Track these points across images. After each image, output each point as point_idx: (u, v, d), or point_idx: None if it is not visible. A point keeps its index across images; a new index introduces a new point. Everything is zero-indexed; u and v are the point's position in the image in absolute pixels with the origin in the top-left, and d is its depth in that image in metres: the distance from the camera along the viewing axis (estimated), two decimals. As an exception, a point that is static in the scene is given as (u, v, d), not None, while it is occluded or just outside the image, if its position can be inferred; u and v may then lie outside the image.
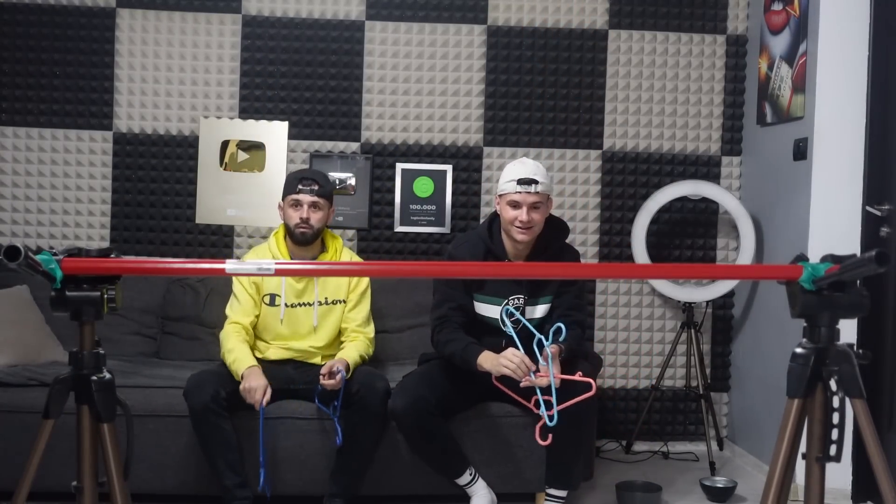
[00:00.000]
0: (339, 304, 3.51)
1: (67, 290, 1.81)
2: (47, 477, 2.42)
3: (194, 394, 3.21)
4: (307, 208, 3.39)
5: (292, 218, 3.41)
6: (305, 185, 3.41)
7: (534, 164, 3.25)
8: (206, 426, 3.20)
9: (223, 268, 1.90)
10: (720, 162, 4.49)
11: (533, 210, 3.18)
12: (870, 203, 3.63)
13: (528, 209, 3.17)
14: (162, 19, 4.32)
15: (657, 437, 4.47)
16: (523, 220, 3.18)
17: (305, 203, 3.39)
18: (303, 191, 3.40)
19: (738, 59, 4.46)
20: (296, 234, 3.42)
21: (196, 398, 3.20)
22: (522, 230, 3.20)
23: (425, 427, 3.24)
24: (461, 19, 4.38)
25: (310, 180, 3.43)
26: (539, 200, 3.19)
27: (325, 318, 3.49)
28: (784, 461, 1.91)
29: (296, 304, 3.46)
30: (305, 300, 3.47)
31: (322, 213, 3.43)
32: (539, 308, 3.34)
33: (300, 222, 3.39)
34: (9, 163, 4.30)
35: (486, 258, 3.29)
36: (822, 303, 1.88)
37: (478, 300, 3.33)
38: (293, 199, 3.41)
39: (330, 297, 3.49)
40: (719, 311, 4.53)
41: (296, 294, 3.46)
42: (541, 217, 3.22)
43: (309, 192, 3.40)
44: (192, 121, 4.33)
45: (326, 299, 3.48)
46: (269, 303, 3.46)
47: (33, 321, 3.82)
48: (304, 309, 3.47)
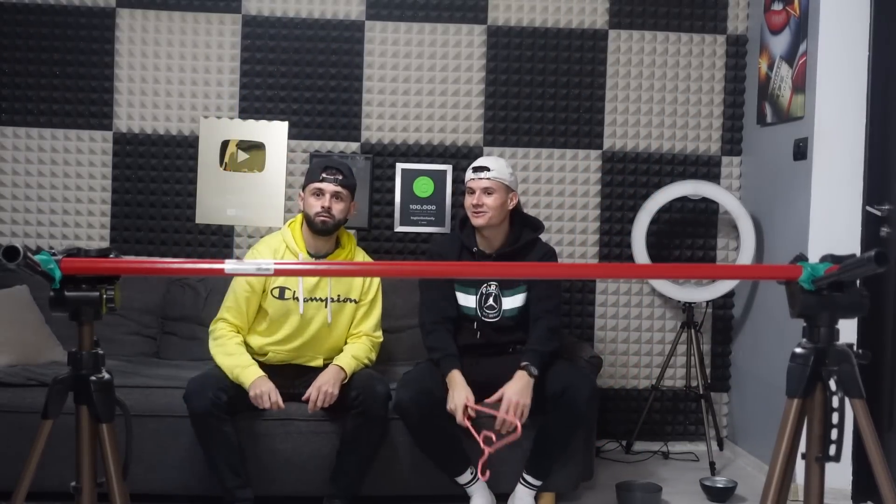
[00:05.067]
0: (349, 303, 3.44)
1: (66, 291, 1.80)
2: (46, 477, 2.42)
3: (195, 398, 3.17)
4: (329, 197, 3.30)
5: (313, 206, 3.32)
6: (330, 174, 3.32)
7: (491, 158, 3.51)
8: (208, 430, 3.18)
9: (223, 268, 1.90)
10: (720, 162, 4.49)
11: (484, 194, 3.39)
12: (870, 203, 3.63)
13: (479, 193, 3.39)
14: (162, 19, 4.32)
15: (657, 437, 4.47)
16: (475, 204, 3.39)
17: (328, 192, 3.30)
18: (327, 179, 3.31)
19: (738, 59, 4.46)
20: (315, 223, 3.32)
21: (197, 402, 3.17)
22: (476, 214, 3.40)
23: (429, 420, 3.27)
24: (461, 19, 4.38)
25: (334, 169, 3.34)
26: (490, 186, 3.39)
27: (338, 316, 3.42)
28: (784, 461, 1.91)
29: (308, 298, 3.38)
30: (318, 295, 3.39)
31: (344, 204, 3.35)
32: (517, 298, 3.48)
33: (321, 210, 3.30)
34: (9, 163, 4.30)
35: (461, 252, 3.50)
36: (821, 303, 1.88)
37: (457, 290, 3.50)
38: (316, 188, 3.32)
39: (343, 294, 3.42)
40: (719, 311, 4.53)
41: (308, 289, 3.38)
42: (494, 203, 3.39)
43: (333, 181, 3.31)
44: (192, 121, 4.33)
45: (339, 296, 3.41)
46: (277, 296, 3.37)
47: (33, 321, 3.82)
48: (316, 304, 3.39)
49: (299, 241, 3.40)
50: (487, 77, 4.40)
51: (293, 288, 3.37)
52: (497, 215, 3.41)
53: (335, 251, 3.44)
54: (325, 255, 3.42)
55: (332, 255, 3.43)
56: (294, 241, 3.39)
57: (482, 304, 3.47)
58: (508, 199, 3.44)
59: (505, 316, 3.47)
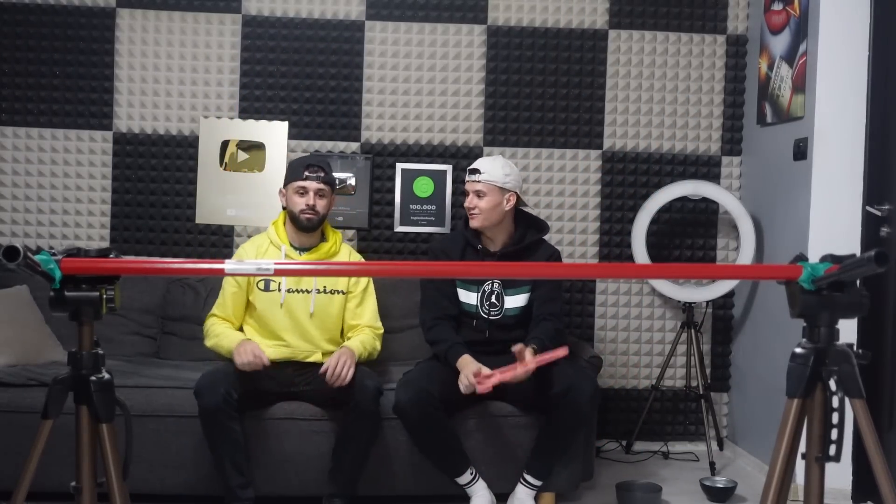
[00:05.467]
0: (337, 295, 3.48)
1: (66, 291, 1.81)
2: (46, 477, 2.42)
3: (206, 394, 3.18)
4: (313, 195, 3.38)
5: (297, 204, 3.39)
6: (312, 172, 3.38)
7: (489, 160, 3.54)
8: (217, 427, 3.18)
9: (222, 268, 1.90)
10: (720, 162, 4.49)
11: (476, 196, 3.44)
12: (870, 203, 3.63)
13: (472, 196, 3.46)
14: (162, 19, 4.32)
15: (657, 437, 4.47)
16: (469, 207, 3.46)
17: (312, 190, 3.38)
18: (309, 177, 3.38)
19: (738, 59, 4.46)
20: (301, 221, 3.39)
21: (208, 398, 3.17)
22: (471, 216, 3.47)
23: (429, 421, 3.27)
24: (461, 19, 4.38)
25: (316, 167, 3.40)
26: (482, 189, 3.43)
27: (323, 308, 3.46)
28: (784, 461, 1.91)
29: (293, 290, 3.43)
30: (304, 287, 3.44)
31: (326, 199, 3.42)
32: (519, 298, 3.50)
33: (306, 208, 3.38)
34: (9, 163, 4.30)
35: (464, 249, 3.53)
36: (821, 303, 1.88)
37: (458, 286, 3.52)
38: (299, 187, 3.38)
39: (329, 286, 3.47)
40: (719, 311, 4.53)
41: (293, 280, 3.43)
42: (486, 205, 3.43)
43: (315, 178, 3.38)
44: (192, 121, 4.33)
45: (325, 288, 3.46)
46: (263, 288, 3.43)
47: (33, 321, 3.82)
48: (301, 296, 3.44)
49: (282, 235, 3.47)
50: (487, 77, 4.40)
51: (277, 280, 3.42)
52: (491, 217, 3.45)
53: (320, 244, 3.50)
54: (309, 247, 3.48)
55: (316, 247, 3.48)
56: (277, 235, 3.47)
57: (484, 301, 3.48)
58: (504, 200, 3.45)
59: (507, 314, 3.48)
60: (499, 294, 3.48)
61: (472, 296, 3.49)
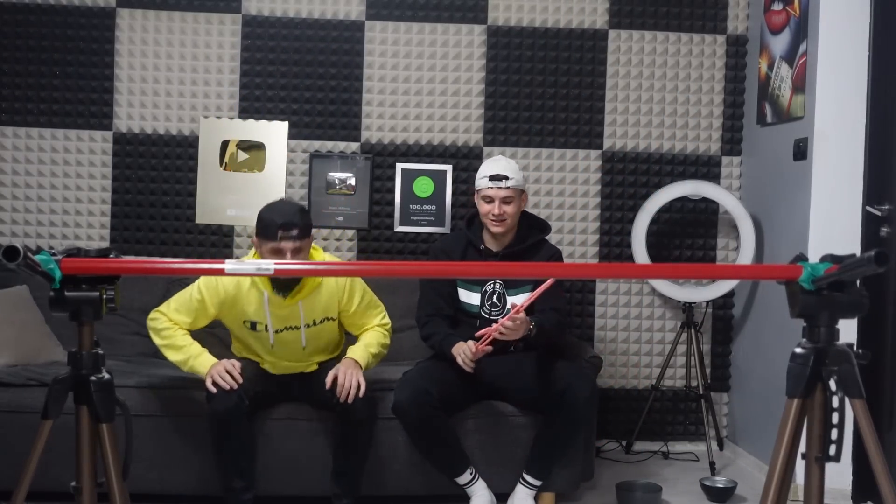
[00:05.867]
0: (328, 322, 3.35)
1: (66, 291, 1.81)
2: (46, 477, 2.42)
3: (218, 398, 3.11)
4: (290, 254, 3.11)
5: None
6: (286, 232, 3.09)
7: (505, 162, 3.52)
8: (226, 430, 3.14)
9: (223, 268, 1.90)
10: (720, 162, 4.49)
11: (504, 203, 3.42)
12: (870, 203, 3.63)
13: (499, 203, 3.41)
14: (162, 19, 4.32)
15: (657, 437, 4.47)
16: (496, 214, 3.42)
17: (288, 251, 3.10)
18: (284, 238, 3.09)
19: (738, 59, 4.46)
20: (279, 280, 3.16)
21: (220, 402, 3.11)
22: (496, 222, 3.43)
23: (428, 421, 3.26)
24: (461, 19, 4.38)
25: (289, 225, 3.09)
26: (510, 195, 3.42)
27: (316, 337, 3.35)
28: (784, 461, 1.91)
29: (281, 329, 3.28)
30: (292, 324, 3.28)
31: (304, 252, 3.16)
32: (520, 298, 3.45)
33: None
34: (9, 163, 4.30)
35: (466, 249, 3.53)
36: (821, 303, 1.88)
37: (460, 286, 3.51)
38: (274, 248, 3.10)
39: (317, 317, 3.30)
40: (719, 311, 4.53)
41: (280, 320, 3.26)
42: (513, 210, 3.44)
43: (290, 238, 3.10)
44: (192, 121, 4.33)
45: (314, 321, 3.30)
46: (249, 328, 3.29)
47: (33, 321, 3.82)
48: (291, 333, 3.30)
49: (264, 279, 3.21)
50: (487, 77, 4.40)
51: (264, 322, 3.26)
52: (515, 221, 3.49)
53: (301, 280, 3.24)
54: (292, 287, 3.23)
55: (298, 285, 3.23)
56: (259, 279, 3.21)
57: (486, 301, 3.48)
58: (522, 200, 3.50)
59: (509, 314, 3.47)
60: (500, 294, 3.49)
61: (475, 296, 3.49)
